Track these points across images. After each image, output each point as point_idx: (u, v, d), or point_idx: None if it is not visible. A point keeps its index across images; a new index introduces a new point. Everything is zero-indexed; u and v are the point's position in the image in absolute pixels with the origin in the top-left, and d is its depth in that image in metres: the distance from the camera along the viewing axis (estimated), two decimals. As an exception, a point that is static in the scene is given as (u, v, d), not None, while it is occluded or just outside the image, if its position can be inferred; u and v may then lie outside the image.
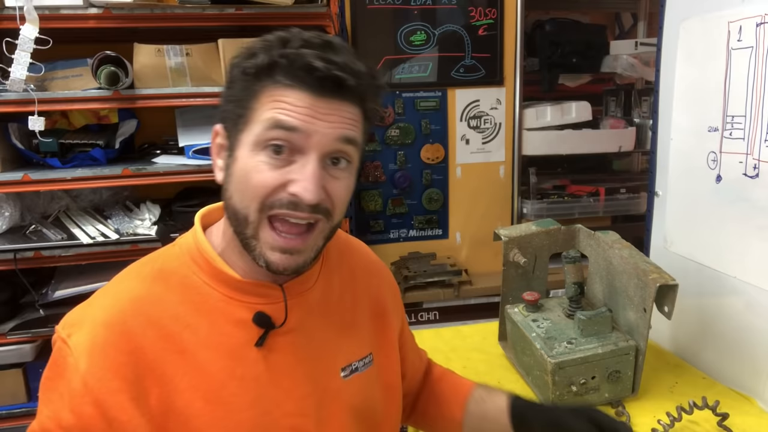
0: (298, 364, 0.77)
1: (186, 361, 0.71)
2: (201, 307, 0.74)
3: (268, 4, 1.84)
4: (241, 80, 0.71)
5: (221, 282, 0.75)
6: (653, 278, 1.04)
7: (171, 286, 0.74)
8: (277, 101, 0.68)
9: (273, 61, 0.68)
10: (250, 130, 0.69)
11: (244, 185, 0.69)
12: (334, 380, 0.80)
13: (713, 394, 1.10)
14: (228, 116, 0.73)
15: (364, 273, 0.91)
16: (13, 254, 1.80)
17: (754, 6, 1.09)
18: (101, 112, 2.08)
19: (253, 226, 0.70)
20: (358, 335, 0.86)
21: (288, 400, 0.76)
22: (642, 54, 2.31)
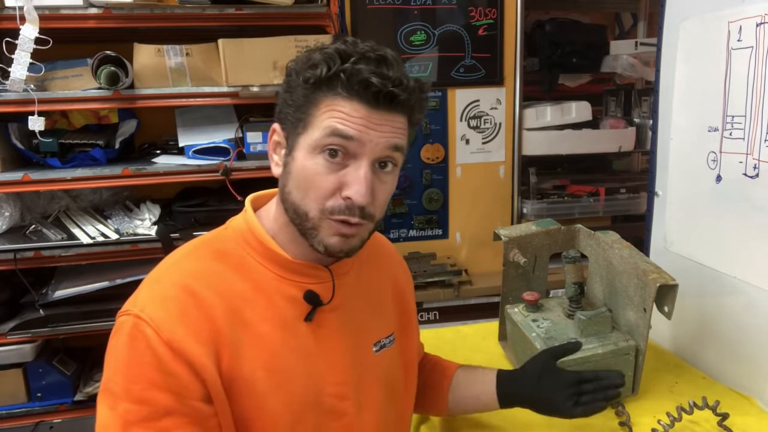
0: (341, 339, 0.86)
1: (249, 332, 0.78)
2: (257, 285, 0.81)
3: (268, 4, 1.84)
4: (302, 88, 0.77)
5: (274, 262, 0.83)
6: (653, 278, 1.04)
7: (229, 265, 0.81)
8: (335, 110, 0.75)
9: (334, 75, 0.75)
10: (309, 134, 0.77)
11: (305, 184, 0.77)
12: (369, 354, 0.90)
13: (713, 394, 1.10)
14: (287, 118, 0.80)
15: (386, 261, 1.02)
16: (13, 254, 1.80)
17: (754, 6, 1.09)
18: (101, 112, 2.08)
19: (314, 221, 0.78)
20: (384, 315, 0.95)
21: (333, 370, 0.84)
22: (642, 54, 2.31)
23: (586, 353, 1.08)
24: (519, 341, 1.23)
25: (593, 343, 1.10)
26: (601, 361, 1.09)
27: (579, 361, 1.07)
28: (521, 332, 1.19)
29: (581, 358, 1.08)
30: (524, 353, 1.20)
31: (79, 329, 1.86)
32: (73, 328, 1.86)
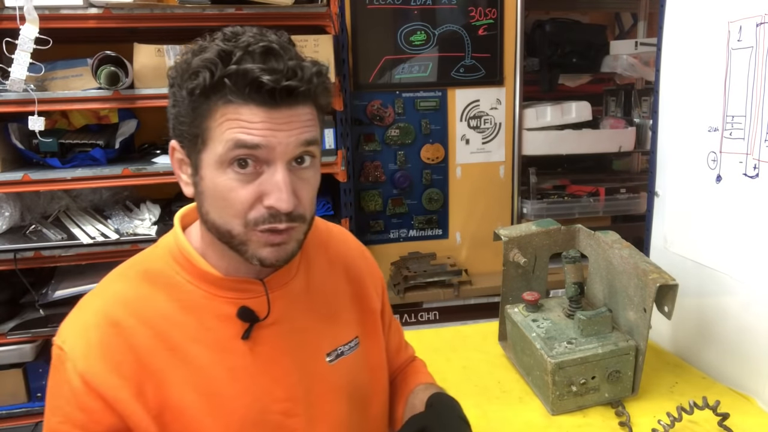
0: (284, 353, 0.81)
1: (177, 357, 0.74)
2: (186, 305, 0.77)
3: (268, 4, 1.84)
4: (188, 101, 0.69)
5: (203, 280, 0.78)
6: (653, 278, 1.04)
7: (157, 286, 0.77)
8: (231, 120, 0.68)
9: (218, 81, 0.67)
10: (211, 150, 0.70)
11: (221, 203, 0.71)
12: (321, 365, 0.84)
13: (713, 394, 1.10)
14: (183, 135, 0.73)
15: (343, 259, 0.94)
16: (13, 254, 1.80)
17: (754, 6, 1.09)
18: (101, 112, 2.08)
19: (240, 237, 0.72)
20: (342, 320, 0.89)
21: (277, 387, 0.79)
22: (642, 54, 2.31)
23: (586, 353, 1.08)
24: (519, 341, 1.23)
25: (593, 343, 1.10)
26: (601, 361, 1.09)
27: (579, 361, 1.08)
28: (521, 332, 1.19)
29: (581, 358, 1.08)
30: (524, 353, 1.20)
31: (79, 329, 1.85)
32: (73, 328, 1.85)
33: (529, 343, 1.15)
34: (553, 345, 1.10)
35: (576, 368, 1.08)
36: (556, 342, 1.11)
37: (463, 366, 1.31)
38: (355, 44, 2.12)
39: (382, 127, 2.22)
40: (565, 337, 1.13)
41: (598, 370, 1.09)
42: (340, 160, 2.00)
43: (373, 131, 2.21)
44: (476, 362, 1.33)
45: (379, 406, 0.94)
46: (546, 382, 1.10)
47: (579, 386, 1.08)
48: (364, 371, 0.90)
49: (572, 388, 1.08)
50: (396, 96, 2.20)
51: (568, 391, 1.09)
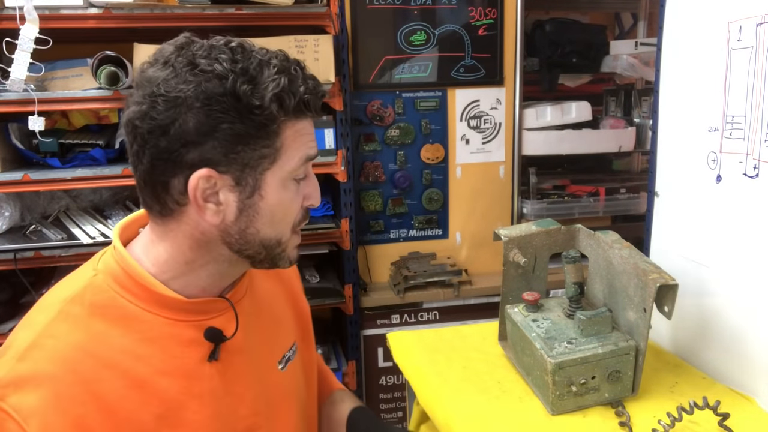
0: (246, 369, 0.80)
1: (147, 393, 0.70)
2: (147, 336, 0.72)
3: (268, 4, 1.84)
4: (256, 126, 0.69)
5: (163, 306, 0.73)
6: (653, 278, 1.04)
7: (109, 320, 0.71)
8: (301, 135, 0.73)
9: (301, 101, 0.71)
10: (280, 167, 0.72)
11: (281, 216, 0.75)
12: (275, 374, 0.86)
13: (713, 394, 1.10)
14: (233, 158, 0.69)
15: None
16: (13, 254, 1.80)
17: (754, 6, 1.09)
18: (101, 112, 2.08)
19: (284, 242, 0.77)
20: (285, 327, 0.92)
21: (242, 405, 0.79)
22: (642, 54, 2.31)
23: (586, 353, 1.08)
24: (519, 341, 1.23)
25: (593, 343, 1.10)
26: (601, 361, 1.09)
27: (579, 361, 1.07)
28: (521, 332, 1.19)
29: (581, 358, 1.08)
30: (524, 353, 1.20)
31: (79, 329, 1.85)
32: (73, 328, 1.85)
33: (529, 343, 1.15)
34: (553, 345, 1.10)
35: (576, 368, 1.08)
36: (556, 342, 1.11)
37: (463, 366, 1.31)
38: (355, 44, 2.12)
39: (382, 127, 2.22)
40: (565, 337, 1.13)
41: (598, 370, 1.09)
42: (340, 160, 2.00)
43: (373, 131, 2.21)
44: (476, 362, 1.33)
45: (312, 407, 0.98)
46: (546, 382, 1.10)
47: (579, 386, 1.08)
48: (302, 374, 0.93)
49: (572, 388, 1.08)
50: (396, 96, 2.20)
51: (568, 391, 1.09)
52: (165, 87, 0.67)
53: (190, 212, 0.72)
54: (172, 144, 0.68)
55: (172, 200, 0.71)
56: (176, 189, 0.71)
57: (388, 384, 2.32)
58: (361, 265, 2.26)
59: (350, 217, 2.08)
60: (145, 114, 0.67)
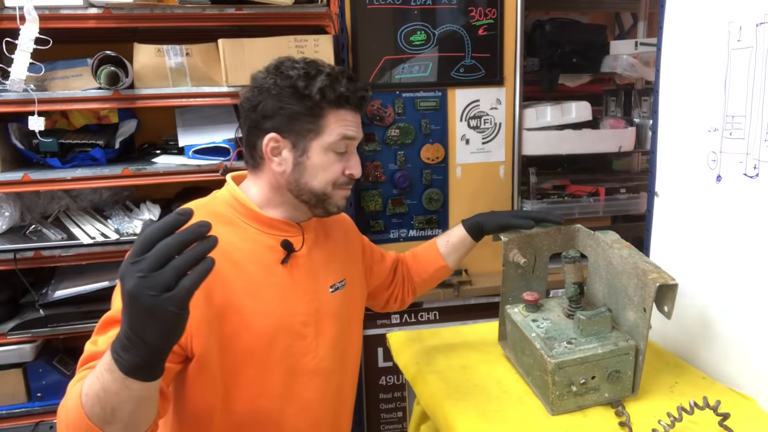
0: (306, 279, 1.12)
1: (238, 270, 1.04)
2: (243, 236, 1.07)
3: (268, 4, 1.84)
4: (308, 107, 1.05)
5: (256, 220, 1.10)
6: (653, 278, 1.04)
7: (220, 222, 1.05)
8: (340, 120, 1.07)
9: (341, 95, 1.05)
10: (322, 139, 1.07)
11: (323, 173, 1.08)
12: (326, 293, 1.16)
13: (713, 394, 1.10)
14: (290, 128, 1.06)
15: (334, 222, 1.27)
16: (13, 254, 1.80)
17: (754, 6, 1.09)
18: (101, 112, 2.08)
19: (329, 194, 1.10)
20: (337, 265, 1.21)
21: (300, 302, 1.11)
22: (642, 54, 2.31)
23: (586, 353, 1.08)
24: (519, 341, 1.23)
25: (593, 343, 1.10)
26: (601, 361, 1.09)
27: (579, 361, 1.08)
28: (521, 332, 1.19)
29: (581, 358, 1.08)
30: (524, 353, 1.20)
31: (79, 329, 1.86)
32: (73, 328, 1.86)
33: (529, 343, 1.15)
34: (553, 345, 1.10)
35: (576, 368, 1.08)
36: (556, 342, 1.11)
37: (463, 366, 1.31)
38: (355, 44, 2.12)
39: (382, 127, 2.21)
40: (565, 337, 1.13)
41: (598, 370, 1.09)
42: (340, 160, 2.00)
43: (373, 131, 2.21)
44: (476, 362, 1.33)
45: (356, 331, 1.27)
46: (546, 382, 1.10)
47: (579, 386, 1.08)
48: (348, 304, 1.23)
49: (572, 388, 1.08)
50: (396, 96, 2.20)
51: (568, 391, 1.09)
52: (259, 82, 1.08)
53: (268, 165, 1.09)
54: (258, 117, 1.07)
55: (259, 156, 1.10)
56: (260, 148, 1.08)
57: (388, 384, 2.32)
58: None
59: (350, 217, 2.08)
60: (246, 98, 1.09)
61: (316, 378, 1.14)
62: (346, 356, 1.22)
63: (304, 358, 1.11)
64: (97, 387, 0.74)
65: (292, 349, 1.09)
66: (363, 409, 2.29)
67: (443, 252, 1.42)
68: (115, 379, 0.72)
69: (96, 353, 0.88)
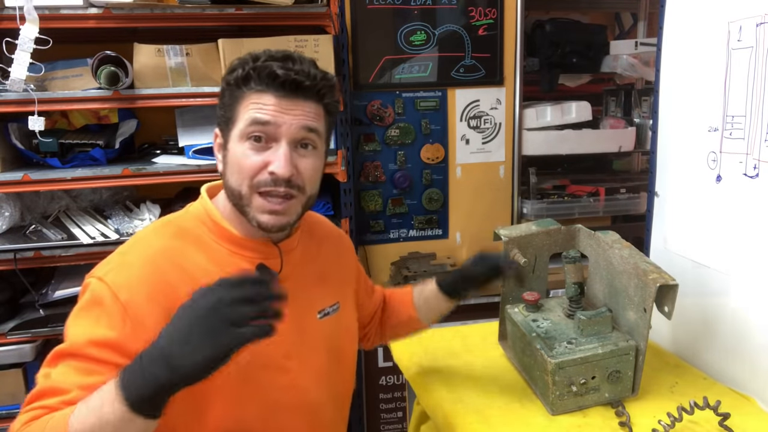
0: (288, 306, 0.91)
1: None
2: (213, 258, 0.95)
3: (268, 4, 1.84)
4: (227, 90, 0.94)
5: (227, 239, 0.97)
6: (653, 278, 1.04)
7: (188, 241, 0.95)
8: (253, 103, 0.91)
9: (247, 73, 0.91)
10: (236, 127, 0.92)
11: (237, 168, 0.92)
12: (313, 320, 1.05)
13: (713, 394, 1.10)
14: (222, 120, 0.96)
15: (329, 241, 1.16)
16: (13, 254, 1.80)
17: (754, 6, 1.09)
18: (101, 112, 2.08)
19: (246, 198, 0.92)
20: (328, 288, 1.10)
21: (280, 333, 0.89)
22: (642, 54, 2.31)
23: (586, 353, 1.08)
24: (519, 341, 1.23)
25: (593, 343, 1.10)
26: (601, 361, 1.09)
27: (579, 361, 1.08)
28: (521, 332, 1.19)
29: (581, 358, 1.08)
30: (524, 353, 1.20)
31: (79, 329, 1.85)
32: (73, 328, 1.85)
33: (529, 343, 1.15)
34: (553, 345, 1.10)
35: (576, 368, 1.08)
36: (556, 342, 1.11)
37: (463, 366, 1.31)
38: (355, 44, 2.12)
39: (382, 127, 2.21)
40: (565, 337, 1.13)
41: (598, 370, 1.09)
42: (340, 160, 2.00)
43: (373, 131, 2.21)
44: (476, 362, 1.33)
45: (348, 361, 1.15)
46: (546, 382, 1.10)
47: (579, 386, 1.08)
48: (341, 330, 1.11)
49: (572, 388, 1.08)
50: (396, 96, 2.20)
51: (568, 391, 1.09)
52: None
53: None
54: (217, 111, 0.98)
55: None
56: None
57: (388, 384, 2.32)
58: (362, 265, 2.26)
59: (350, 217, 2.08)
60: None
61: (303, 413, 1.03)
62: (337, 387, 1.11)
63: (287, 393, 1.00)
64: (93, 420, 0.73)
65: (273, 383, 0.98)
66: (363, 409, 2.29)
67: (416, 301, 1.27)
68: (115, 413, 0.71)
69: (51, 389, 0.84)
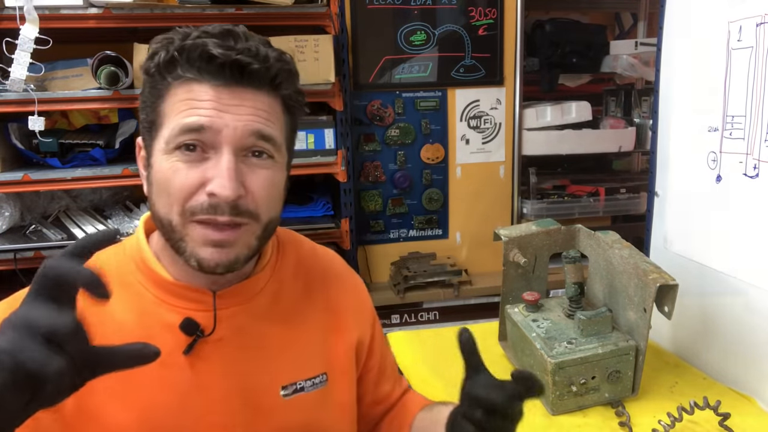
0: (228, 376, 0.72)
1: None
2: (133, 307, 0.70)
3: (268, 4, 1.84)
4: (147, 82, 0.67)
5: (154, 283, 0.72)
6: (653, 278, 1.04)
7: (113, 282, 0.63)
8: (182, 101, 0.64)
9: (172, 56, 0.64)
10: (160, 135, 0.66)
11: (164, 190, 0.65)
12: (271, 397, 0.75)
13: (713, 394, 1.10)
14: (143, 126, 0.69)
15: (322, 284, 0.84)
16: (13, 254, 1.80)
17: (754, 6, 1.09)
18: (101, 112, 2.08)
19: (179, 229, 0.66)
20: (308, 352, 0.79)
21: (213, 411, 0.71)
22: (642, 54, 2.31)
23: (586, 353, 1.08)
24: (519, 341, 1.23)
25: (593, 343, 1.10)
26: (601, 361, 1.09)
27: (579, 361, 1.08)
28: (521, 332, 1.19)
29: (581, 358, 1.08)
30: (524, 353, 1.20)
31: (79, 329, 1.85)
32: (73, 328, 1.85)
33: (529, 343, 1.15)
34: (553, 345, 1.10)
35: (576, 368, 1.08)
36: (556, 342, 1.11)
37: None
38: (355, 44, 2.12)
39: (382, 127, 2.21)
40: (565, 337, 1.13)
41: (598, 370, 1.09)
42: (340, 160, 2.00)
43: (373, 131, 2.21)
44: (476, 362, 1.33)
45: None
46: (546, 382, 1.10)
47: (579, 386, 1.08)
48: (330, 411, 0.80)
49: (572, 388, 1.08)
50: (396, 96, 2.20)
51: (568, 391, 1.09)
52: None
53: None
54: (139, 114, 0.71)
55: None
56: None
57: (388, 384, 2.32)
58: (361, 265, 2.26)
59: (350, 217, 2.08)
60: None
61: None
62: None
63: None
64: None
65: None
66: (363, 409, 2.29)
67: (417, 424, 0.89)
68: None
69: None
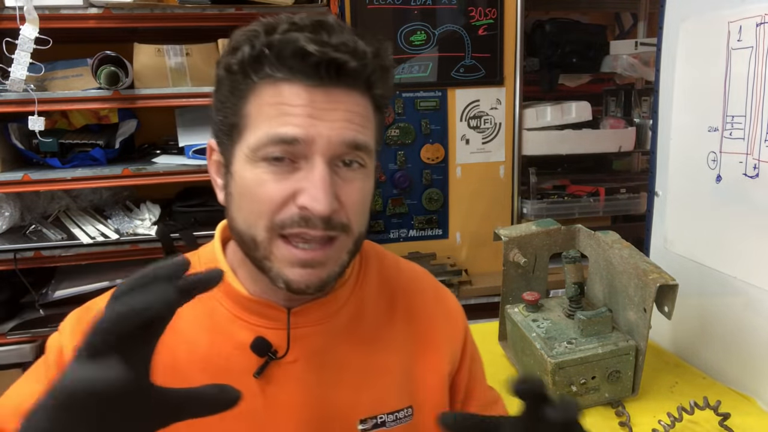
0: (301, 405, 0.66)
1: (174, 378, 0.52)
2: (204, 323, 0.66)
3: (268, 4, 1.84)
4: (228, 81, 0.61)
5: (228, 297, 0.67)
6: (653, 278, 1.04)
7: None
8: (271, 105, 0.58)
9: (259, 53, 0.57)
10: (244, 141, 0.60)
11: (248, 203, 0.60)
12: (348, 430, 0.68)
13: (713, 394, 1.10)
14: (220, 128, 0.63)
15: (414, 309, 0.76)
16: (13, 254, 1.80)
17: (754, 6, 1.09)
18: (101, 112, 2.08)
19: (264, 246, 0.60)
20: (392, 381, 0.71)
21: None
22: (642, 54, 2.31)
23: (586, 353, 1.08)
24: (519, 341, 1.23)
25: (593, 343, 1.10)
26: (601, 361, 1.09)
27: (579, 361, 1.08)
28: (521, 332, 1.19)
29: (581, 358, 1.08)
30: (524, 353, 1.20)
31: (79, 329, 1.85)
32: (73, 328, 1.85)
33: (529, 343, 1.15)
34: (553, 345, 1.10)
35: (576, 368, 1.08)
36: (556, 342, 1.11)
37: (463, 366, 1.31)
38: (355, 44, 2.12)
39: (382, 127, 2.22)
40: (565, 337, 1.13)
41: (598, 370, 1.09)
42: (340, 160, 2.00)
43: (374, 131, 2.21)
44: (476, 362, 1.33)
45: None
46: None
47: (579, 386, 1.08)
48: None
49: (572, 388, 1.08)
50: (396, 96, 2.20)
51: (568, 391, 1.09)
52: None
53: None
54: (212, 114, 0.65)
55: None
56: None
57: (388, 384, 2.32)
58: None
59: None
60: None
61: None
62: None
63: None
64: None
65: None
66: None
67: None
68: None
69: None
